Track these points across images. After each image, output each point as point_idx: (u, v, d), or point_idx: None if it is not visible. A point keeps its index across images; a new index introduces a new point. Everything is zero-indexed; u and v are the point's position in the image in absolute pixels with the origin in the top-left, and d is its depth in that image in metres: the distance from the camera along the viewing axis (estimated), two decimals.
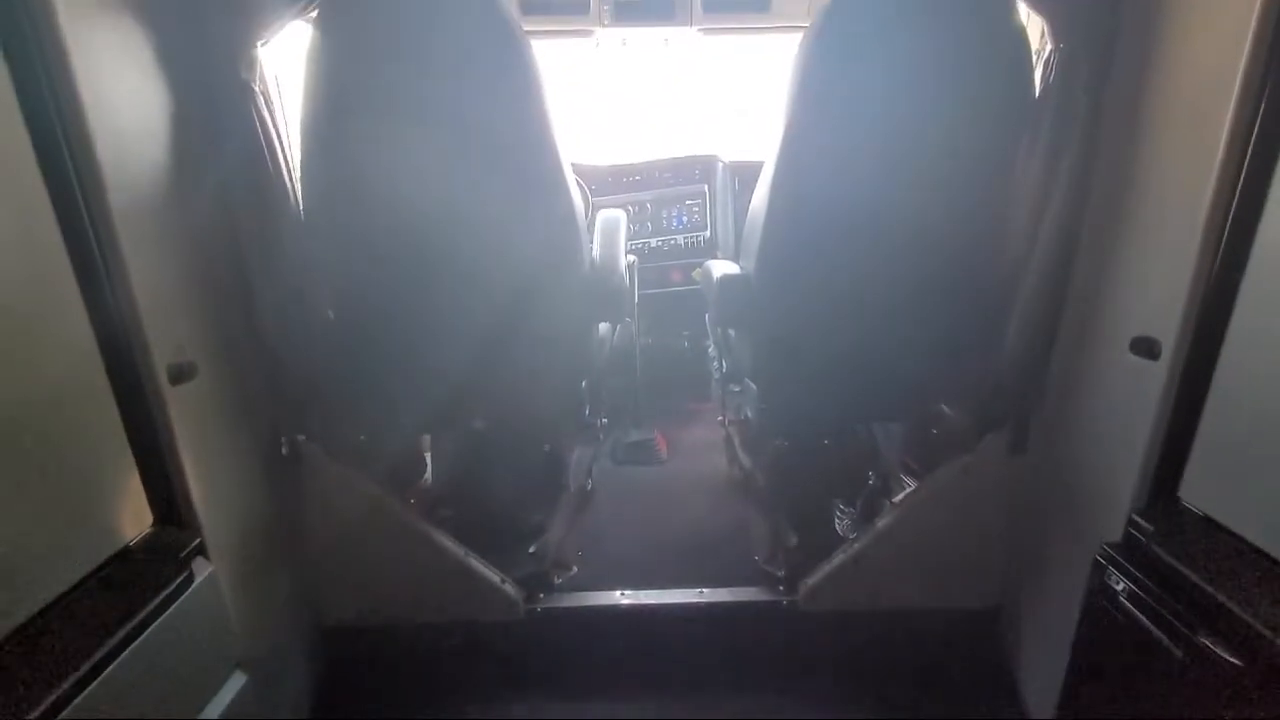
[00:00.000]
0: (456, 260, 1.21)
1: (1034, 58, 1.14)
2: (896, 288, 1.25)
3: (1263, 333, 0.82)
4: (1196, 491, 0.92)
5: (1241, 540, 0.84)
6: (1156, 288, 0.95)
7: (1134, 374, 0.98)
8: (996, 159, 1.16)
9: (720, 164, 2.34)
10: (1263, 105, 0.81)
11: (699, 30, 2.06)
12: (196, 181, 1.01)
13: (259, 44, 1.06)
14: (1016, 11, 1.10)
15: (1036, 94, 1.14)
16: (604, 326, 1.55)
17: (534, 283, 1.24)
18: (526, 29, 1.98)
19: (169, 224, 0.95)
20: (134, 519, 0.90)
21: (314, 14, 1.05)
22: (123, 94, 0.88)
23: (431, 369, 1.29)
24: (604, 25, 2.01)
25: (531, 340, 1.30)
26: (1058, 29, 1.09)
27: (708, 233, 2.30)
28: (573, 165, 1.28)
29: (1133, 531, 0.96)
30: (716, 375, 2.05)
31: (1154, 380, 0.94)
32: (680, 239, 2.31)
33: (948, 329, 1.29)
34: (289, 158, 1.16)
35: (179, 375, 0.91)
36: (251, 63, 1.06)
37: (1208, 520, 0.89)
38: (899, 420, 1.69)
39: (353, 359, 1.28)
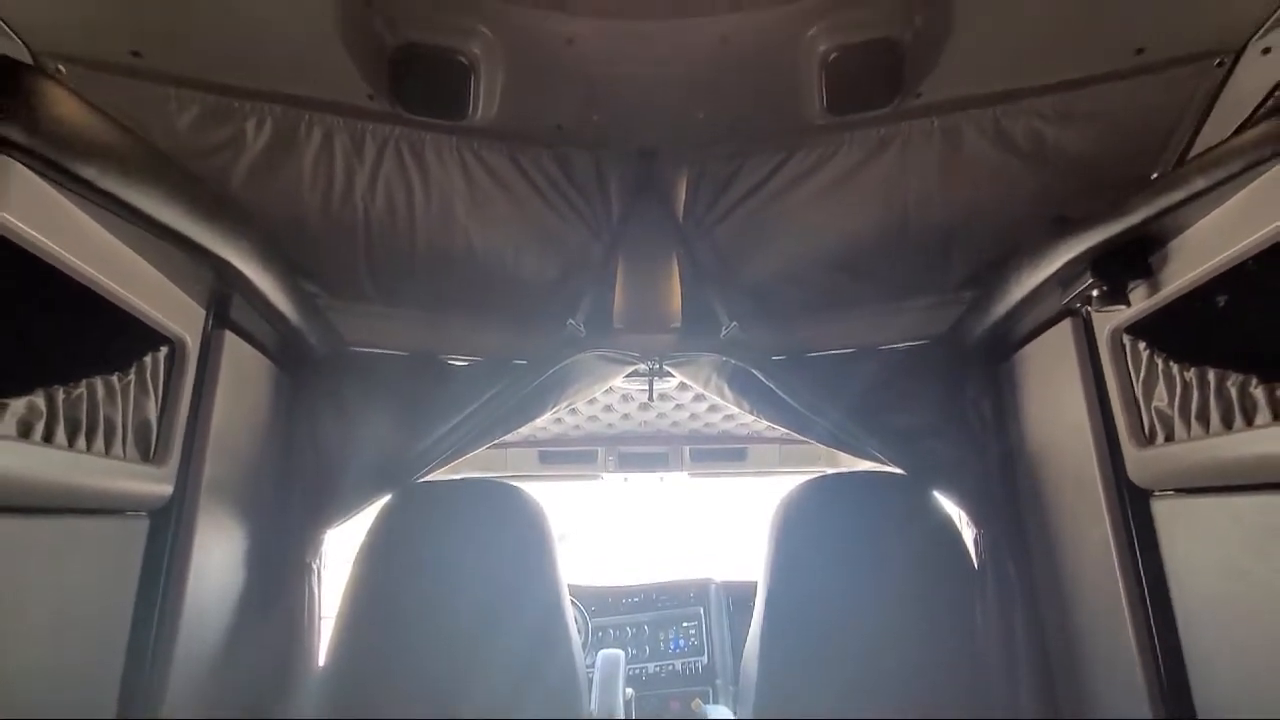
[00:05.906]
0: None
1: (967, 534, 1.38)
2: None
3: None
4: None
5: None
6: None
7: None
8: (954, 624, 1.29)
9: (713, 586, 2.47)
10: (1141, 571, 0.97)
11: (689, 474, 2.46)
12: (243, 653, 1.12)
13: (327, 531, 1.29)
14: (940, 504, 1.37)
15: (975, 567, 1.33)
16: None
17: None
18: (543, 474, 2.33)
19: (204, 698, 1.02)
20: None
21: (381, 504, 1.32)
22: (215, 586, 1.06)
23: None
24: (609, 471, 2.39)
25: None
26: (974, 518, 1.35)
27: (705, 659, 2.30)
28: (571, 586, 1.38)
29: None
30: None
31: None
32: (678, 665, 2.29)
33: None
34: (320, 620, 1.29)
35: None
36: (317, 547, 1.27)
37: None
38: None
39: None
